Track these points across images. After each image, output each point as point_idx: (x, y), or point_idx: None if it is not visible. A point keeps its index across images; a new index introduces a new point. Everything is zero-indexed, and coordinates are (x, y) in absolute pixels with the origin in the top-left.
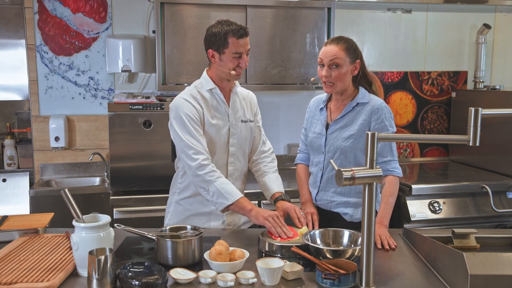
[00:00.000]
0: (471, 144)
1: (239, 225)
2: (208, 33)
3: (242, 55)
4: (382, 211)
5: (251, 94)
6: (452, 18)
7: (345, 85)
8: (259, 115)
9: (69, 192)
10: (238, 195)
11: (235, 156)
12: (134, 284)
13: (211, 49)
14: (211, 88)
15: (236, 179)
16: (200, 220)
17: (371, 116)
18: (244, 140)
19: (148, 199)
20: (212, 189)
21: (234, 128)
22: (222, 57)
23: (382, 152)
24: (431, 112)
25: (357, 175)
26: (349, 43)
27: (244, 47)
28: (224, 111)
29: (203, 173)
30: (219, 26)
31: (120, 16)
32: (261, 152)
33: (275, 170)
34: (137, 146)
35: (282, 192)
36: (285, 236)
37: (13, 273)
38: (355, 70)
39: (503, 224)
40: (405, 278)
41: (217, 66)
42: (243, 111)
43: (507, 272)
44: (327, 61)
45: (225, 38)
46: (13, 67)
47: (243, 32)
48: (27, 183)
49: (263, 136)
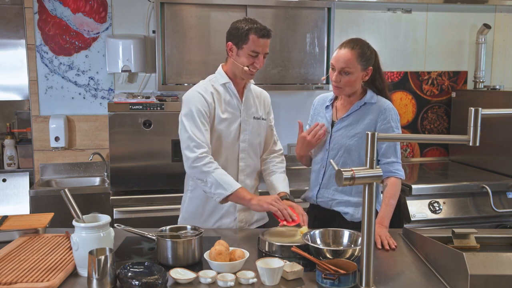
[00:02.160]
0: (471, 144)
1: (251, 223)
2: (232, 27)
3: (259, 55)
4: (382, 211)
5: (265, 93)
6: (452, 18)
7: (354, 90)
8: (272, 115)
9: (69, 192)
10: (236, 185)
11: (245, 152)
12: (134, 284)
13: (231, 42)
14: (225, 82)
15: (247, 176)
16: (213, 218)
17: (378, 116)
18: (256, 137)
19: (148, 199)
20: (210, 180)
21: (245, 123)
22: (239, 52)
23: (386, 153)
24: (431, 112)
25: (357, 175)
26: (363, 49)
27: (263, 48)
28: (236, 106)
29: (201, 164)
30: (244, 22)
31: (120, 16)
32: (271, 152)
33: (283, 170)
34: (137, 146)
35: (287, 193)
36: (290, 219)
37: (13, 273)
38: (366, 76)
39: (503, 224)
40: (405, 278)
41: (233, 60)
42: (256, 108)
43: (507, 272)
44: (338, 67)
45: (246, 34)
46: (13, 67)
47: (265, 32)
48: (27, 183)
49: (274, 136)
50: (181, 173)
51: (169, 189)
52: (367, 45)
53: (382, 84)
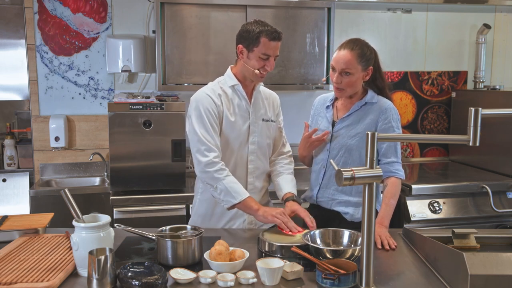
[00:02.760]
0: (471, 144)
1: (260, 225)
2: (242, 29)
3: (270, 58)
4: (383, 211)
5: (274, 94)
6: (452, 18)
7: (355, 90)
8: (281, 117)
9: (69, 192)
10: (245, 195)
11: (255, 154)
12: (134, 284)
13: (242, 44)
14: (234, 84)
15: (257, 178)
16: (222, 220)
17: (379, 116)
18: (265, 139)
19: (148, 199)
20: (220, 187)
21: (254, 126)
22: (250, 54)
23: (387, 153)
24: (431, 112)
25: (357, 175)
26: (363, 50)
27: (273, 50)
28: (245, 108)
29: (213, 170)
30: (255, 24)
31: (120, 16)
32: (279, 153)
33: (291, 172)
34: (137, 146)
35: (294, 194)
36: (295, 230)
37: (13, 273)
38: (366, 76)
39: (503, 224)
40: (405, 278)
41: (243, 63)
42: (265, 110)
43: (507, 272)
44: (339, 68)
45: (258, 36)
46: (13, 67)
47: (276, 35)
48: (27, 183)
49: (283, 138)
50: (181, 173)
51: (169, 189)
52: (366, 45)
53: (383, 84)
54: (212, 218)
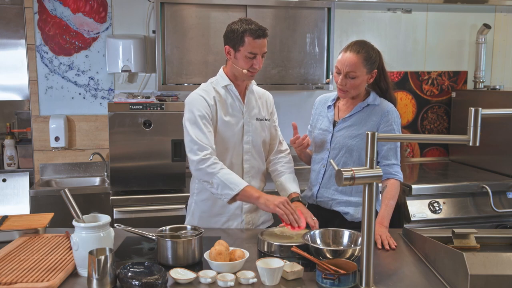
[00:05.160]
0: (471, 144)
1: (258, 225)
2: (228, 29)
3: (257, 56)
4: (382, 212)
5: (268, 93)
6: (452, 18)
7: (359, 92)
8: (276, 115)
9: (69, 192)
10: (243, 184)
11: (250, 154)
12: (134, 284)
13: (228, 45)
14: (226, 84)
15: (252, 177)
16: (220, 220)
17: (381, 118)
18: (259, 138)
19: (148, 199)
20: (216, 181)
21: (248, 125)
22: (237, 54)
23: (387, 155)
24: (431, 112)
25: (357, 175)
26: (369, 53)
27: (260, 49)
28: (238, 108)
29: (205, 166)
30: (239, 23)
31: (120, 16)
32: (278, 152)
33: (292, 170)
34: (137, 146)
35: (299, 194)
36: (296, 224)
37: (13, 273)
38: (370, 78)
39: (503, 224)
40: (405, 278)
41: (232, 63)
42: (258, 109)
43: (507, 272)
44: (344, 71)
45: (242, 36)
46: (13, 67)
47: (261, 33)
48: (27, 183)
49: (279, 136)
50: (181, 173)
51: (169, 189)
52: (372, 48)
53: (386, 85)
54: (208, 219)
